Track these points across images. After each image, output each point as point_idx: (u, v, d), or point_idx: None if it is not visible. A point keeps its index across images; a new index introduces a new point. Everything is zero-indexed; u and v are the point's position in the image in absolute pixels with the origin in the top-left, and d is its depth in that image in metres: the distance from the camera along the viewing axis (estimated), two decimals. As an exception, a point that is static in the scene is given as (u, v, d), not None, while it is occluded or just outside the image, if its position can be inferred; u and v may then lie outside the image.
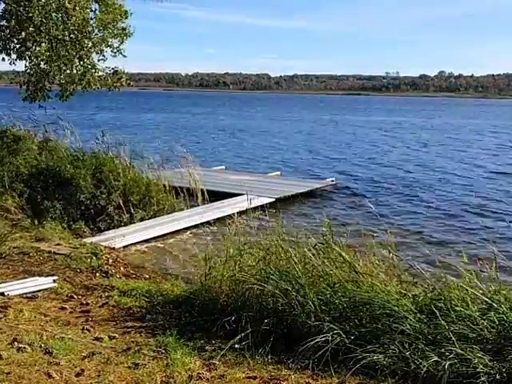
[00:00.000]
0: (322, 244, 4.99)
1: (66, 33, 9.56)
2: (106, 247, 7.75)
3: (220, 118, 51.14)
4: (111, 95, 11.21)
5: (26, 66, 10.18)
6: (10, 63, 10.18)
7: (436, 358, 3.61)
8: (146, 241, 8.96)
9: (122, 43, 10.12)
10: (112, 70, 10.41)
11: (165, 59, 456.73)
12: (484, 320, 3.86)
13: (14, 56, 10.11)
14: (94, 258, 6.84)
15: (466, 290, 4.16)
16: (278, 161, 21.45)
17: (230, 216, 10.12)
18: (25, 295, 5.35)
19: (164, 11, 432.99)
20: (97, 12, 9.93)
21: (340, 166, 20.72)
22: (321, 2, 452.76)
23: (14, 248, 6.89)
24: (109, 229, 9.22)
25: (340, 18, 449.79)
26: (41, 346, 4.06)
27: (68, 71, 10.16)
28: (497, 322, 3.83)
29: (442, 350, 3.67)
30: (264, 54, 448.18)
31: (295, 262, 4.67)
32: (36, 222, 8.53)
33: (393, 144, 29.72)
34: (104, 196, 9.57)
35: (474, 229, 10.83)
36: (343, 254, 4.72)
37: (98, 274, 6.27)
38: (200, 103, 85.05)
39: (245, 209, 7.05)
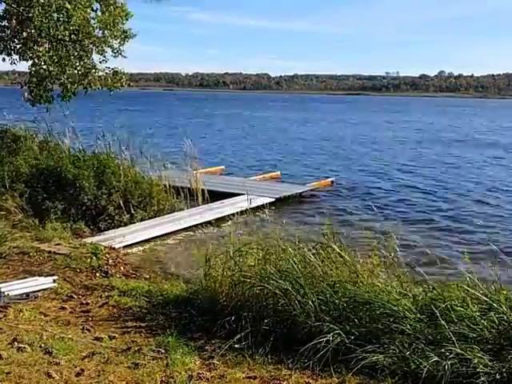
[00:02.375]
0: (322, 244, 4.99)
1: (67, 33, 9.56)
2: (106, 247, 7.74)
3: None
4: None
5: (29, 68, 10.19)
6: (10, 63, 10.19)
7: (436, 358, 3.61)
8: (146, 241, 8.95)
9: (122, 44, 10.12)
10: (112, 71, 10.41)
11: (165, 59, 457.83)
12: (484, 320, 3.86)
13: (15, 56, 10.12)
14: (94, 257, 6.84)
15: (466, 289, 4.16)
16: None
17: (230, 216, 10.15)
18: (25, 295, 5.35)
19: (168, 14, 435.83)
20: (98, 12, 9.94)
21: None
22: (320, 4, 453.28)
23: (14, 248, 6.90)
24: (109, 229, 9.22)
25: (340, 19, 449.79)
26: (41, 346, 4.07)
27: (69, 71, 10.17)
28: (497, 322, 3.84)
29: (442, 350, 3.67)
30: (264, 54, 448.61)
31: (295, 262, 4.67)
32: (36, 222, 8.53)
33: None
34: (105, 196, 9.56)
35: (474, 228, 10.83)
36: (343, 254, 4.72)
37: (98, 274, 6.27)
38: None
39: (245, 209, 7.05)
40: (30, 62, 10.16)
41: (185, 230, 9.73)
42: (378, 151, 25.39)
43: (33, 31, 9.46)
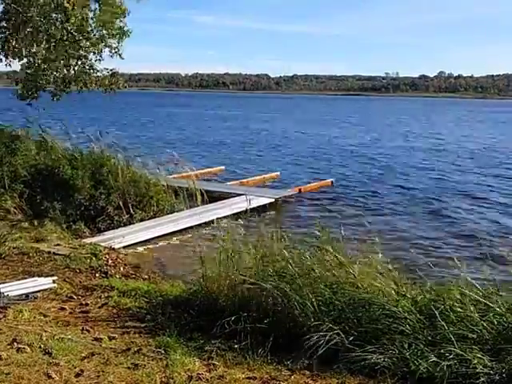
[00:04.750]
0: (320, 245, 4.99)
1: (65, 32, 9.55)
2: (105, 248, 7.74)
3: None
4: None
5: (21, 65, 10.20)
6: (5, 65, 10.19)
7: (435, 359, 3.62)
8: (146, 241, 8.95)
9: (119, 43, 10.11)
10: (110, 72, 10.40)
11: (166, 60, 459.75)
12: (483, 321, 3.86)
13: (10, 58, 10.12)
14: (94, 258, 6.83)
15: (465, 291, 4.17)
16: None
17: (229, 216, 10.15)
18: (24, 295, 5.34)
19: (175, 16, 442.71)
20: (96, 11, 9.93)
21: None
22: (320, 8, 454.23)
23: (14, 248, 6.89)
24: (108, 229, 9.22)
25: (340, 22, 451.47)
26: (40, 347, 4.06)
27: (65, 71, 10.17)
28: (496, 323, 3.84)
29: (442, 351, 3.67)
30: (265, 56, 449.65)
31: (293, 263, 4.67)
32: (35, 222, 8.53)
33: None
34: (103, 197, 9.56)
35: (475, 228, 10.84)
36: (339, 256, 4.71)
37: (97, 275, 6.27)
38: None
39: (244, 209, 7.05)
40: (25, 60, 10.17)
41: (184, 230, 9.73)
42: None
43: (31, 30, 9.46)
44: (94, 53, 10.14)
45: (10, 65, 10.23)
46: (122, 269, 6.80)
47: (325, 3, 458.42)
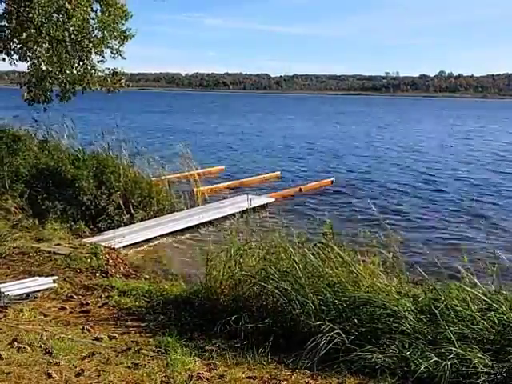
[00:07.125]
0: (322, 244, 4.99)
1: (66, 33, 9.55)
2: (105, 247, 7.74)
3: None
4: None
5: (28, 68, 10.21)
6: (10, 63, 10.19)
7: (436, 358, 3.61)
8: (146, 241, 8.95)
9: (121, 45, 10.12)
10: (112, 72, 10.40)
11: (167, 60, 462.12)
12: (484, 320, 3.86)
13: (15, 57, 10.13)
14: (94, 258, 6.83)
15: (466, 290, 4.16)
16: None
17: (230, 216, 10.15)
18: (25, 295, 5.34)
19: (182, 19, 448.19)
20: (98, 12, 9.93)
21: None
22: (320, 10, 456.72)
23: (14, 248, 6.90)
24: (109, 229, 9.21)
25: (339, 24, 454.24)
26: (41, 346, 4.07)
27: (68, 72, 10.18)
28: (497, 322, 3.84)
29: (442, 350, 3.67)
30: (265, 57, 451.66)
31: (295, 262, 4.67)
32: (36, 222, 8.53)
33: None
34: (104, 196, 9.56)
35: (476, 227, 10.82)
36: (342, 254, 4.71)
37: (97, 274, 6.27)
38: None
39: (245, 209, 7.05)
40: (30, 62, 10.18)
41: (185, 230, 9.73)
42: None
43: (33, 31, 9.47)
44: (96, 53, 10.14)
45: (14, 63, 10.23)
46: (122, 268, 6.80)
47: (324, 6, 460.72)
